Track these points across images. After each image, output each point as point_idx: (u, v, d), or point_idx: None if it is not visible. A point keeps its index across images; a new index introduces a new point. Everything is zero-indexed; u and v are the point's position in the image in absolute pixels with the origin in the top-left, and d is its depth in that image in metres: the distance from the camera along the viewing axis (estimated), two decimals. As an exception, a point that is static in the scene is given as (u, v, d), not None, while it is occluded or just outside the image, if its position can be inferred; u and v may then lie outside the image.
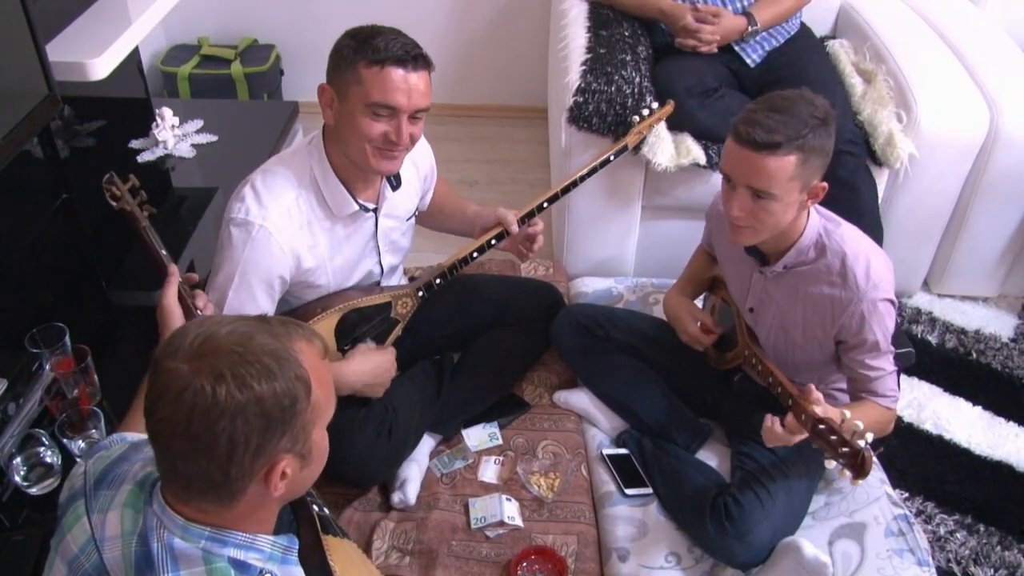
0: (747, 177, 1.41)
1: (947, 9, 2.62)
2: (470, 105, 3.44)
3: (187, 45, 3.25)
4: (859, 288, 1.47)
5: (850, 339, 1.51)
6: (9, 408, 1.43)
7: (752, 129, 1.38)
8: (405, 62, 1.43)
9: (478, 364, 1.89)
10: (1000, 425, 2.06)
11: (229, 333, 0.87)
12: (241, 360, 0.85)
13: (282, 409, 0.86)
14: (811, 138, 1.38)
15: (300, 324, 0.95)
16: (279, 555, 0.95)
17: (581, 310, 1.98)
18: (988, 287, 2.46)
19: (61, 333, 1.53)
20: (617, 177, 2.20)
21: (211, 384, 0.83)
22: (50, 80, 1.56)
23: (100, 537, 0.93)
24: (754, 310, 1.65)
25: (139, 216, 1.45)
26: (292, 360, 0.88)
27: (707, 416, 1.85)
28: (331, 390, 0.95)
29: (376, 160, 1.51)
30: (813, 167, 1.41)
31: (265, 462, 0.88)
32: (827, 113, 1.41)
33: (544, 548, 1.60)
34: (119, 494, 0.95)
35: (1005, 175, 2.22)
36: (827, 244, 1.51)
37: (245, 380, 0.84)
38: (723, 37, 2.28)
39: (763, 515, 1.55)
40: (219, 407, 0.83)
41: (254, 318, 0.92)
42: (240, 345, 0.86)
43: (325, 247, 1.60)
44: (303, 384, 0.88)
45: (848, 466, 1.25)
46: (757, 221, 1.45)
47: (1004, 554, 1.77)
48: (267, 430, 0.86)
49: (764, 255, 1.57)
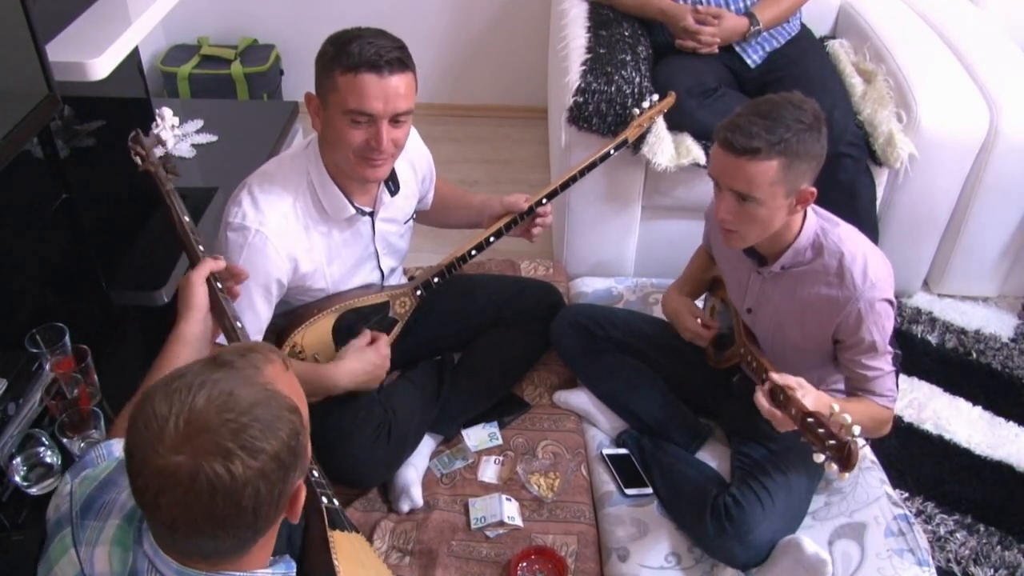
0: (730, 181, 1.42)
1: (947, 9, 2.62)
2: (470, 105, 3.44)
3: (187, 45, 3.25)
4: (856, 287, 1.47)
5: (847, 339, 1.51)
6: (9, 408, 1.43)
7: (733, 135, 1.39)
8: (379, 67, 1.41)
9: (478, 364, 1.89)
10: (1000, 425, 2.06)
11: (207, 402, 0.81)
12: (240, 427, 0.81)
13: (292, 450, 0.84)
14: (795, 143, 1.37)
15: (249, 346, 0.91)
16: None
17: (581, 310, 1.98)
18: (988, 287, 2.46)
19: (61, 333, 1.53)
20: (617, 177, 2.20)
21: (223, 465, 0.79)
22: (50, 80, 1.55)
23: (89, 573, 0.91)
24: (752, 311, 1.65)
25: (163, 178, 1.42)
26: (278, 396, 0.85)
27: (707, 416, 1.85)
28: (303, 396, 0.93)
29: (361, 169, 1.51)
30: (798, 172, 1.40)
31: (286, 500, 0.87)
32: (816, 117, 1.41)
33: (544, 548, 1.60)
34: (107, 528, 0.93)
35: (1005, 175, 2.22)
36: (824, 244, 1.51)
37: (254, 446, 0.81)
38: (725, 38, 2.28)
39: (763, 515, 1.55)
40: (239, 482, 0.80)
41: (209, 365, 0.86)
42: (227, 410, 0.81)
43: (322, 251, 1.60)
44: (294, 412, 0.86)
45: (835, 459, 1.25)
46: (743, 225, 1.46)
47: (1004, 554, 1.77)
48: (286, 476, 0.84)
49: (762, 256, 1.58)
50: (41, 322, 1.54)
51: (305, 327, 1.64)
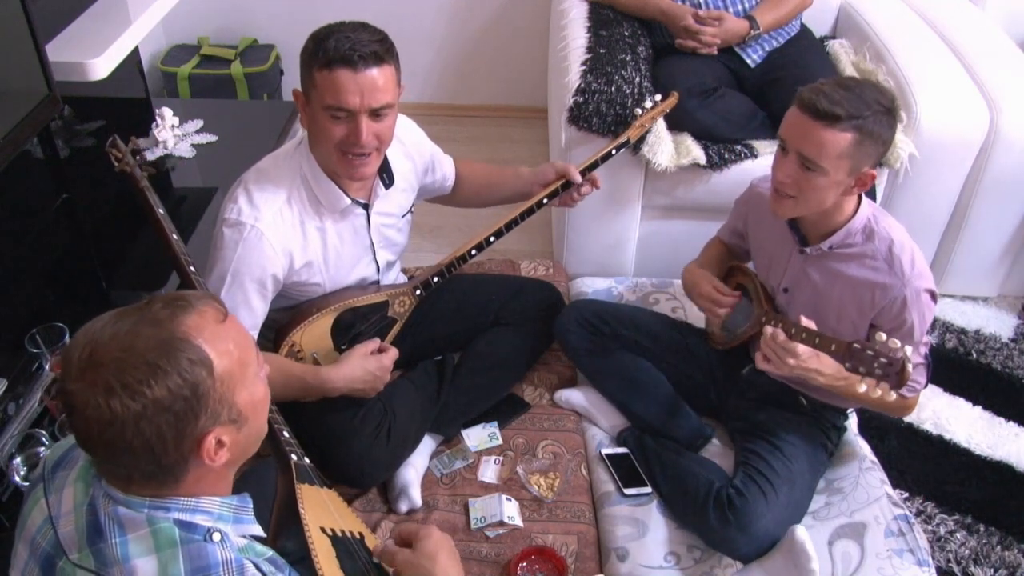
0: (800, 144, 1.43)
1: (947, 9, 2.62)
2: (470, 105, 3.44)
3: (187, 45, 3.25)
4: (905, 275, 1.48)
5: (886, 324, 1.52)
6: (9, 408, 1.43)
7: (816, 97, 1.40)
8: (352, 62, 1.41)
9: (478, 365, 1.89)
10: (1000, 425, 2.06)
11: (112, 337, 0.85)
12: (127, 366, 0.83)
13: (185, 399, 0.85)
14: (871, 121, 1.39)
15: (185, 295, 0.92)
16: (229, 515, 0.95)
17: (587, 306, 1.97)
18: (988, 287, 2.46)
19: (61, 333, 1.53)
20: (617, 177, 2.20)
21: (104, 399, 0.82)
22: (50, 80, 1.56)
23: (56, 515, 0.94)
24: (788, 290, 1.65)
25: (138, 176, 1.51)
26: (183, 344, 0.86)
27: (711, 416, 1.85)
28: (245, 349, 0.93)
29: (345, 167, 1.52)
30: (866, 151, 1.41)
31: (191, 444, 0.88)
32: (893, 104, 1.44)
33: (544, 548, 1.59)
34: (72, 472, 0.96)
35: (1005, 175, 2.22)
36: (875, 230, 1.52)
37: (134, 388, 0.83)
38: (725, 40, 2.28)
39: (766, 507, 1.55)
40: (120, 419, 0.83)
41: (136, 308, 0.89)
42: (123, 350, 0.84)
43: (318, 245, 1.61)
44: (201, 365, 0.87)
45: (885, 376, 1.27)
46: (800, 192, 1.47)
47: (1004, 554, 1.77)
48: (178, 421, 0.86)
49: (803, 235, 1.58)
50: (41, 322, 1.54)
51: (303, 326, 1.64)
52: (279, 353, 1.63)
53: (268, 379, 0.99)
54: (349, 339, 1.69)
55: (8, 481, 1.41)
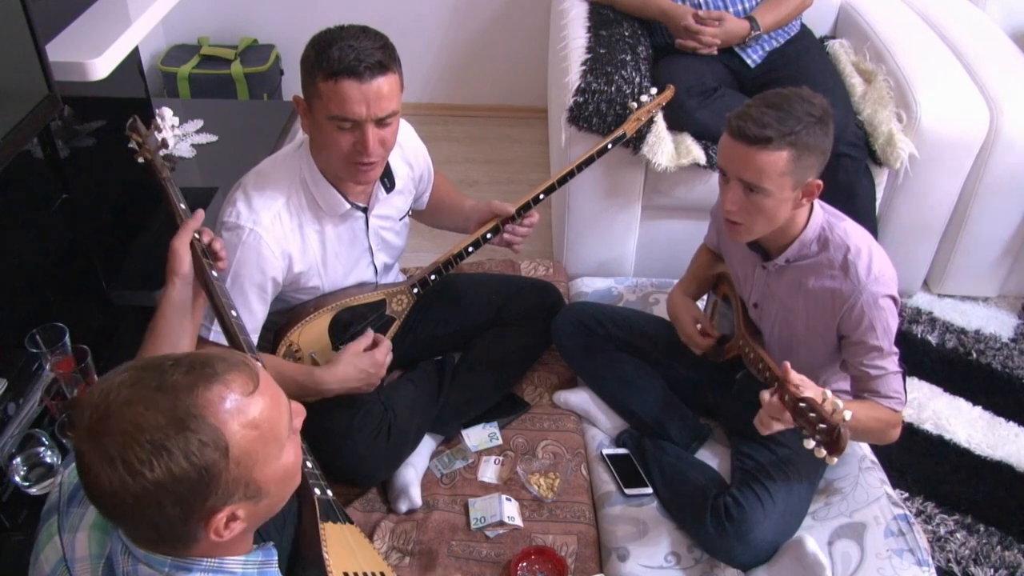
0: (739, 170, 1.43)
1: (947, 9, 2.62)
2: (470, 105, 3.45)
3: (187, 45, 3.25)
4: (860, 281, 1.47)
5: (851, 334, 1.52)
6: (9, 408, 1.43)
7: (745, 123, 1.39)
8: (359, 73, 1.39)
9: (478, 364, 1.89)
10: (1000, 425, 2.06)
11: (124, 403, 0.79)
12: (131, 442, 0.78)
13: (191, 482, 0.79)
14: (804, 135, 1.39)
15: (214, 360, 0.84)
16: (254, 571, 0.91)
17: (583, 308, 1.98)
18: (988, 287, 2.46)
19: (61, 333, 1.53)
20: (617, 177, 2.20)
21: (105, 472, 0.78)
22: (50, 80, 1.55)
23: (70, 558, 0.91)
24: (758, 305, 1.65)
25: (160, 167, 1.43)
26: (196, 424, 0.79)
27: (707, 416, 1.85)
28: (274, 421, 0.86)
29: (351, 174, 1.52)
30: (806, 164, 1.41)
31: (199, 520, 0.83)
32: (824, 111, 1.42)
33: (544, 548, 1.60)
34: (88, 513, 0.93)
35: (1005, 175, 2.22)
36: (830, 238, 1.52)
37: (134, 467, 0.77)
38: (725, 40, 2.28)
39: (763, 515, 1.55)
40: (119, 493, 0.79)
41: (159, 368, 0.82)
42: (131, 422, 0.78)
43: (317, 248, 1.61)
44: (214, 448, 0.80)
45: (824, 443, 1.25)
46: (749, 217, 1.47)
47: (1004, 554, 1.77)
48: (182, 501, 0.80)
49: (765, 251, 1.58)
50: (41, 322, 1.54)
51: (301, 326, 1.64)
52: (277, 353, 1.63)
53: None
54: (346, 338, 1.69)
55: (8, 481, 1.41)
